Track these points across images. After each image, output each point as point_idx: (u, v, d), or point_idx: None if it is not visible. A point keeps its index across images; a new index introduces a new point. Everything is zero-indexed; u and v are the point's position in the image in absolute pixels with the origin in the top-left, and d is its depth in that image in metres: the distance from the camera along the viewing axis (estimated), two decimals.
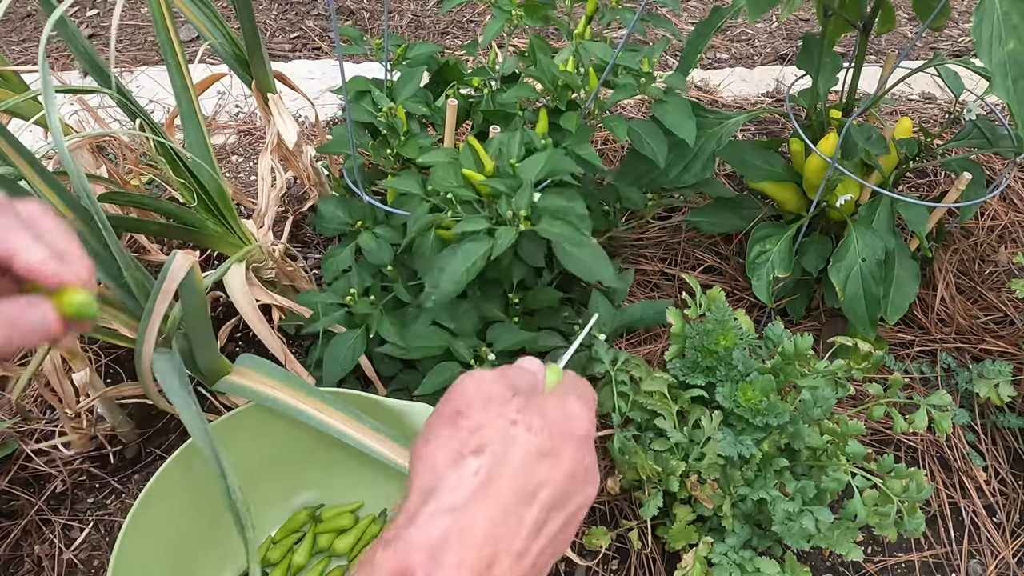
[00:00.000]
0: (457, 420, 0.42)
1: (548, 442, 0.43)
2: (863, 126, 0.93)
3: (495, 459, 0.41)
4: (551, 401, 0.45)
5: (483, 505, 0.40)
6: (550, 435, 0.43)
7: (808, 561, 0.83)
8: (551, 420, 0.44)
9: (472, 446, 0.41)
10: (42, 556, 0.83)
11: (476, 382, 0.44)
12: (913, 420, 0.73)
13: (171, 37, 0.84)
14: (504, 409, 0.43)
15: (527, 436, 0.42)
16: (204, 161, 0.87)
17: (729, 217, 1.07)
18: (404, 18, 1.77)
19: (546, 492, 0.42)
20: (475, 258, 0.68)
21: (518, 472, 0.41)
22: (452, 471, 0.41)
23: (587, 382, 0.49)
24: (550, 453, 0.43)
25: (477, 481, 0.40)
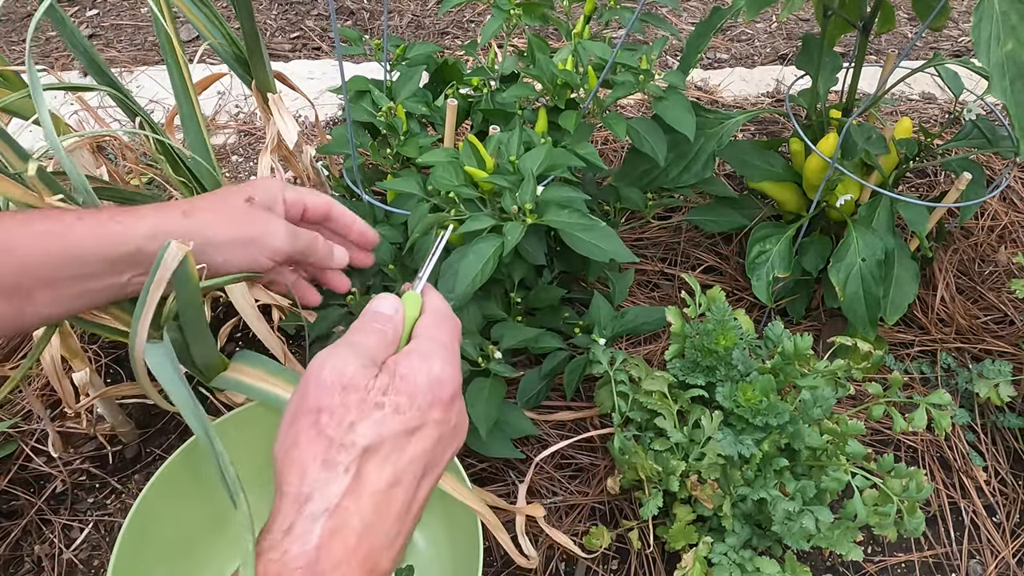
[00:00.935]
0: (319, 418, 0.41)
1: (416, 418, 0.42)
2: (863, 126, 0.93)
3: (364, 452, 0.41)
4: (415, 364, 0.44)
5: (355, 501, 0.40)
6: (418, 409, 0.43)
7: (808, 561, 0.83)
8: (417, 391, 0.43)
9: (339, 443, 0.41)
10: (42, 556, 0.83)
11: (333, 369, 0.43)
12: (912, 419, 0.73)
13: (171, 37, 0.84)
14: (368, 395, 0.42)
15: (394, 419, 0.42)
16: (204, 161, 0.87)
17: (730, 215, 1.07)
18: (404, 18, 1.77)
19: (416, 466, 0.42)
20: (487, 258, 0.68)
21: (387, 457, 0.41)
22: (323, 472, 0.40)
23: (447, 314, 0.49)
24: (418, 428, 0.42)
25: (348, 479, 0.40)
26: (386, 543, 0.41)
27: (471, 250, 0.69)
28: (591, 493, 0.87)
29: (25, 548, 0.84)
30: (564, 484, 0.89)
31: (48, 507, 0.87)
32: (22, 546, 0.84)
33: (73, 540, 0.85)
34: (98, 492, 0.89)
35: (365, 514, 0.40)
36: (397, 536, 0.42)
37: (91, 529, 0.86)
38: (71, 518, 0.86)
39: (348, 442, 0.41)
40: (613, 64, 0.82)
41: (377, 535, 0.41)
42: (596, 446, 0.92)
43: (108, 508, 0.88)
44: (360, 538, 0.40)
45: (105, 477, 0.90)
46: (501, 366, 0.78)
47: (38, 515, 0.86)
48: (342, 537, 0.39)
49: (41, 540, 0.84)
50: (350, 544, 0.39)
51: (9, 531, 0.84)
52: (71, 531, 0.86)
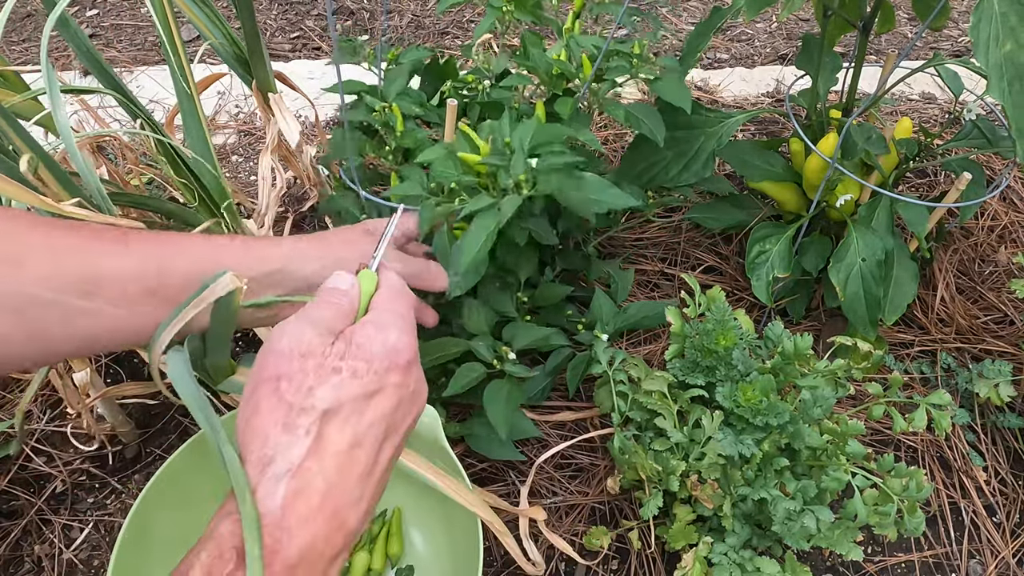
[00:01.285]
0: (279, 385, 0.43)
1: (374, 382, 0.44)
2: (863, 126, 0.93)
3: (324, 415, 0.42)
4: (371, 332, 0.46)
5: (318, 462, 0.41)
6: (375, 374, 0.44)
7: (808, 561, 0.83)
8: (374, 358, 0.45)
9: (299, 407, 0.42)
10: (42, 556, 0.83)
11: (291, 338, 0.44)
12: (912, 419, 0.73)
13: (173, 36, 0.84)
14: (325, 361, 0.44)
15: (352, 383, 0.43)
16: (205, 160, 0.87)
17: (731, 212, 1.08)
18: (404, 18, 1.77)
19: (376, 429, 0.43)
20: (487, 232, 0.68)
21: (347, 419, 0.42)
22: (284, 436, 0.41)
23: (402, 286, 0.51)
24: (376, 391, 0.44)
25: (309, 441, 0.41)
26: (351, 502, 0.42)
27: (472, 227, 0.69)
28: (591, 493, 0.87)
29: (25, 548, 0.84)
30: (564, 484, 0.89)
31: (48, 507, 0.87)
32: (22, 546, 0.84)
33: (73, 540, 0.85)
34: (98, 492, 0.89)
35: (328, 474, 0.41)
36: (362, 496, 0.42)
37: (91, 529, 0.86)
38: (71, 518, 0.86)
39: (308, 406, 0.42)
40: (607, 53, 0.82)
41: (342, 494, 0.41)
42: (596, 446, 0.92)
43: (108, 508, 0.88)
44: (324, 497, 0.40)
45: (105, 477, 0.90)
46: (516, 367, 0.78)
47: (38, 515, 0.86)
48: (306, 496, 0.40)
49: (41, 540, 0.84)
50: (314, 503, 0.40)
51: (9, 531, 0.84)
52: (71, 531, 0.86)
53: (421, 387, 0.48)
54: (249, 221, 0.97)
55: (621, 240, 1.14)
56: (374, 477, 0.43)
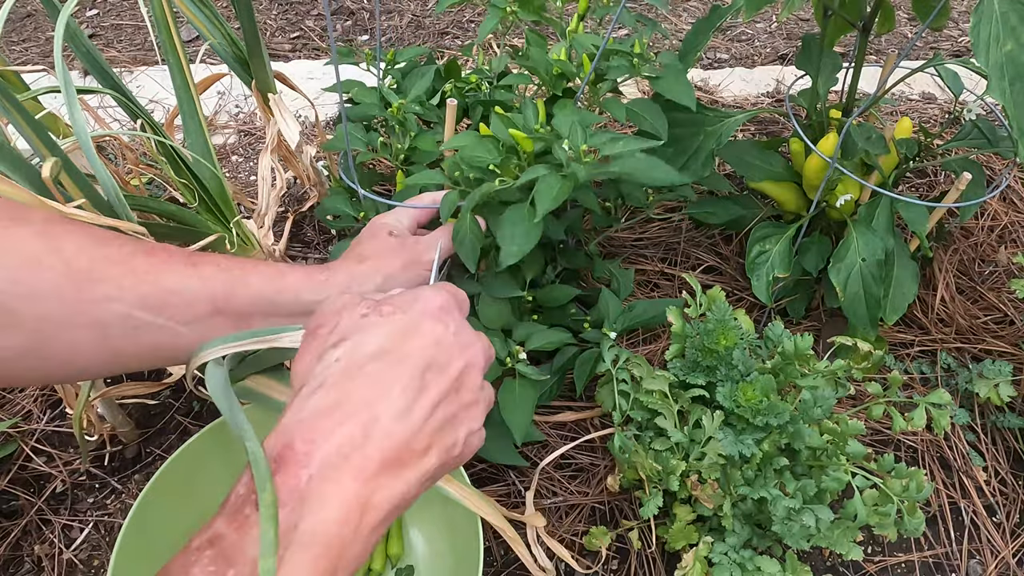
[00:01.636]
0: (317, 331, 0.47)
1: (402, 320, 0.46)
2: (863, 126, 0.93)
3: (353, 345, 0.44)
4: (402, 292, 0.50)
5: (348, 380, 0.43)
6: (405, 313, 0.47)
7: (808, 561, 0.83)
8: (403, 304, 0.47)
9: (330, 343, 0.45)
10: (42, 556, 0.83)
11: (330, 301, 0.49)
12: (912, 419, 0.73)
13: (172, 37, 0.84)
14: (355, 309, 0.47)
15: (380, 320, 0.46)
16: (205, 161, 0.87)
17: (730, 207, 1.07)
18: (404, 18, 1.77)
19: (416, 358, 0.44)
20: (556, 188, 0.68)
21: (378, 347, 0.44)
22: (317, 365, 0.44)
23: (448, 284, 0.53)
24: (408, 329, 0.46)
25: (340, 366, 0.43)
26: (395, 413, 0.42)
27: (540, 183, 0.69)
28: (591, 493, 0.87)
29: (25, 548, 0.84)
30: (564, 484, 0.89)
31: (48, 507, 0.87)
32: (22, 546, 0.84)
33: (73, 540, 0.85)
34: (98, 492, 0.89)
35: (362, 386, 0.42)
36: (409, 410, 0.42)
37: (91, 529, 0.86)
38: (71, 518, 0.86)
39: (340, 339, 0.45)
40: (606, 52, 0.82)
41: (380, 402, 0.42)
42: (596, 446, 0.92)
43: (108, 508, 0.88)
44: (360, 407, 0.41)
45: (105, 477, 0.90)
46: (528, 368, 0.79)
47: (38, 515, 0.86)
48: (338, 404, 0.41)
49: (41, 540, 0.84)
50: (349, 409, 0.41)
51: (9, 531, 0.84)
52: (71, 531, 0.86)
53: (467, 334, 0.48)
54: (249, 221, 0.97)
55: (621, 240, 1.14)
56: (422, 401, 0.43)
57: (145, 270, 0.51)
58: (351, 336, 0.45)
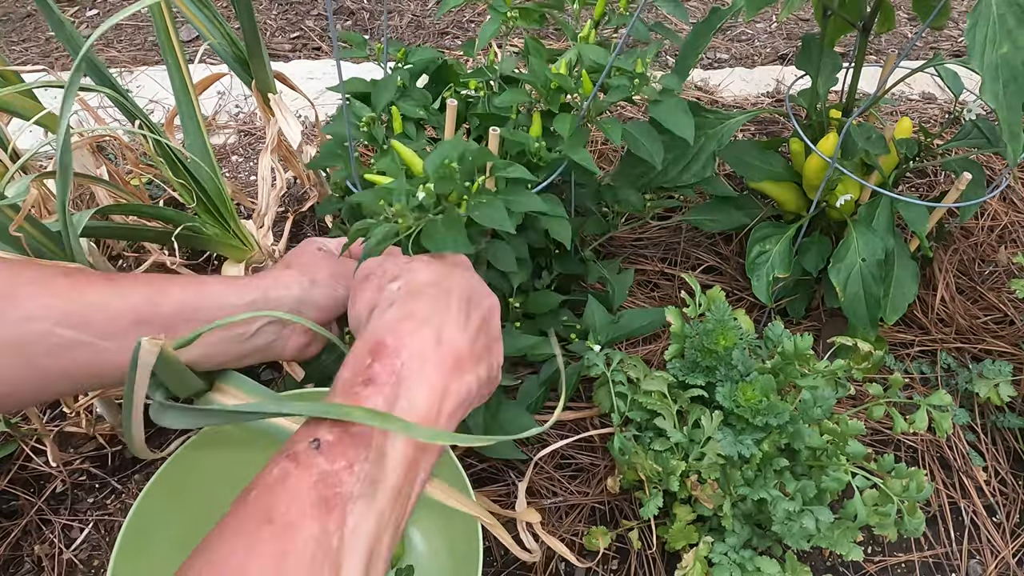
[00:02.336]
0: (368, 277, 0.55)
1: (441, 266, 0.55)
2: (863, 126, 0.93)
3: (408, 277, 0.53)
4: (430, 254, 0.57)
5: (413, 300, 0.51)
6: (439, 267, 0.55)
7: (808, 561, 0.83)
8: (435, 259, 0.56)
9: (388, 278, 0.53)
10: (42, 556, 0.83)
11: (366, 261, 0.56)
12: (913, 420, 0.73)
13: (171, 37, 0.84)
14: (398, 258, 0.56)
15: (422, 264, 0.54)
16: (204, 162, 0.87)
17: (731, 213, 1.07)
18: (404, 18, 1.77)
19: (458, 290, 0.53)
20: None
21: (429, 279, 0.53)
22: (382, 293, 0.52)
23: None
24: (446, 273, 0.54)
25: (402, 292, 0.52)
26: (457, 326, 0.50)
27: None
28: (591, 493, 0.87)
29: (25, 548, 0.84)
30: (564, 484, 0.89)
31: (48, 507, 0.87)
32: (22, 546, 0.84)
33: (73, 540, 0.85)
34: (98, 492, 0.89)
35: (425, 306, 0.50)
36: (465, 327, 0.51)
37: (91, 529, 0.86)
38: (71, 518, 0.86)
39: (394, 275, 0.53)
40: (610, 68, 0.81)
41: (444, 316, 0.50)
42: (596, 446, 0.92)
43: (108, 508, 0.88)
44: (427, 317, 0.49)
45: (105, 477, 0.90)
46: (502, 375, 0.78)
47: (38, 515, 0.86)
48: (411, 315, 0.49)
49: (41, 540, 0.84)
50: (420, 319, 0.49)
51: (9, 531, 0.84)
52: (71, 531, 0.86)
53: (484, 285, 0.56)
54: (249, 221, 0.97)
55: (621, 240, 1.14)
56: (472, 322, 0.51)
57: (65, 289, 0.51)
58: (403, 274, 0.53)
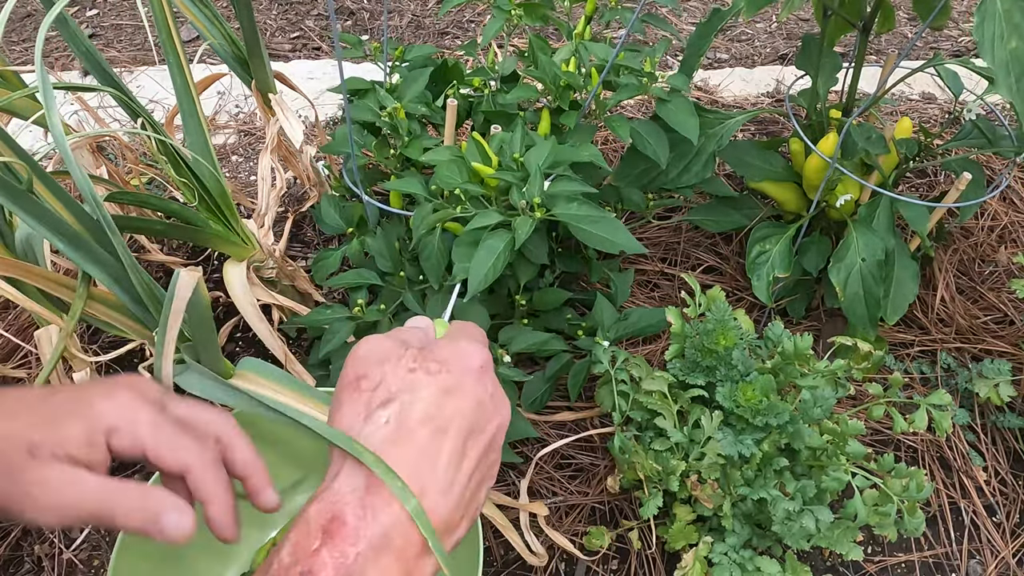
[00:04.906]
0: (359, 384, 0.44)
1: (448, 379, 0.44)
2: (863, 126, 0.93)
3: (401, 406, 0.43)
4: (444, 344, 0.47)
5: (398, 447, 0.41)
6: (449, 372, 0.45)
7: (808, 561, 0.83)
8: (447, 360, 0.45)
9: (378, 401, 0.43)
10: (42, 556, 0.83)
11: (369, 346, 0.46)
12: (913, 420, 0.73)
13: (172, 36, 0.84)
14: (401, 362, 0.45)
15: (427, 379, 0.44)
16: (205, 160, 0.87)
17: (731, 214, 1.07)
18: (404, 18, 1.77)
19: (457, 423, 0.43)
20: (497, 253, 0.68)
21: (425, 412, 0.43)
22: (365, 426, 0.42)
23: (474, 324, 0.52)
24: (453, 388, 0.44)
25: (389, 429, 0.42)
26: (439, 489, 0.41)
27: (482, 246, 0.69)
28: (591, 493, 0.87)
29: (25, 548, 0.84)
30: (564, 484, 0.89)
31: None
32: (22, 546, 0.84)
33: (73, 540, 0.85)
34: None
35: (410, 457, 0.41)
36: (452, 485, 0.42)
37: (91, 529, 0.86)
38: None
39: (387, 398, 0.43)
40: (615, 66, 0.81)
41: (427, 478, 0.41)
42: (596, 446, 0.92)
43: None
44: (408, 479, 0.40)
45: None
46: (511, 370, 0.78)
47: None
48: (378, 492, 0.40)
49: (41, 540, 0.84)
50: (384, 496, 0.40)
51: (9, 531, 0.84)
52: (71, 531, 0.86)
53: (500, 395, 0.48)
54: (249, 221, 0.97)
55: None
56: (463, 471, 0.43)
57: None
58: (399, 396, 0.43)
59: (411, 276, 0.82)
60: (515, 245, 0.68)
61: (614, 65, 0.81)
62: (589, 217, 0.70)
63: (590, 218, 0.70)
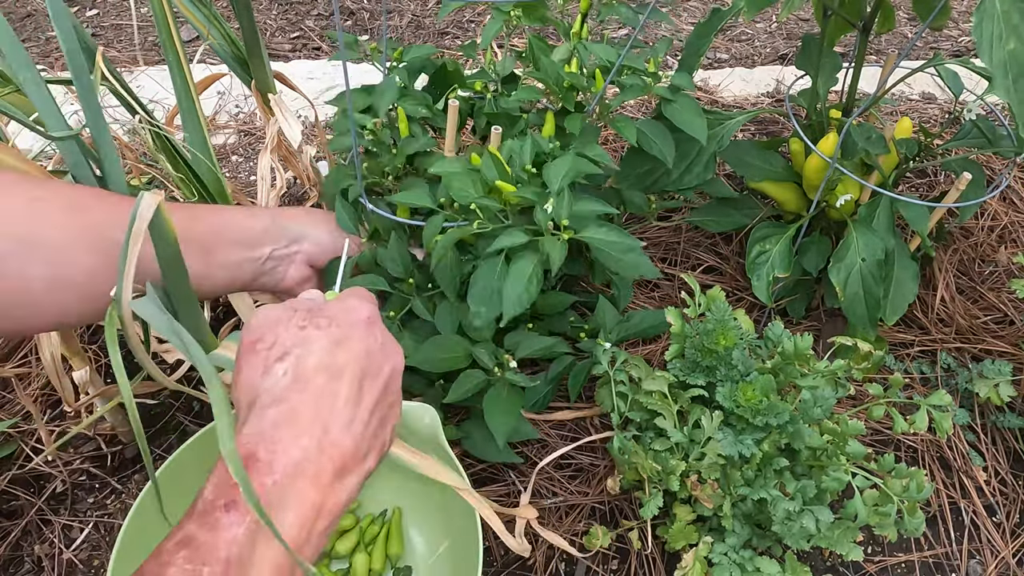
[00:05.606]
0: (255, 347, 0.49)
1: (338, 332, 0.50)
2: (863, 126, 0.93)
3: (296, 359, 0.48)
4: (332, 304, 0.53)
5: (299, 393, 0.46)
6: (339, 327, 0.50)
7: (808, 561, 0.83)
8: (335, 316, 0.51)
9: (274, 357, 0.48)
10: (42, 556, 0.83)
11: (262, 314, 0.51)
12: (913, 420, 0.73)
13: (172, 36, 0.84)
14: (292, 322, 0.50)
15: (317, 333, 0.49)
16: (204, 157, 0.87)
17: (731, 215, 1.07)
18: (404, 18, 1.77)
19: (351, 369, 0.49)
20: (528, 277, 0.68)
21: (320, 361, 0.48)
22: (265, 380, 0.47)
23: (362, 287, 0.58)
24: (343, 339, 0.50)
25: (288, 379, 0.47)
26: (342, 424, 0.46)
27: (511, 271, 0.68)
28: (591, 493, 0.87)
29: (25, 548, 0.84)
30: (564, 484, 0.89)
31: (48, 507, 0.87)
32: (22, 546, 0.84)
33: (73, 540, 0.85)
34: (98, 492, 0.89)
35: (310, 400, 0.46)
36: (353, 420, 0.47)
37: (91, 529, 0.86)
38: (71, 518, 0.86)
39: (282, 354, 0.48)
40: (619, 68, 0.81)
41: (329, 415, 0.46)
42: (596, 446, 0.92)
43: (108, 508, 0.87)
44: (311, 419, 0.45)
45: (105, 477, 0.90)
46: (517, 376, 0.78)
47: (38, 515, 0.86)
48: (292, 418, 0.45)
49: (41, 540, 0.84)
50: (302, 423, 0.45)
51: (9, 531, 0.84)
52: (71, 531, 0.86)
53: (391, 343, 0.53)
54: None
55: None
56: (362, 408, 0.48)
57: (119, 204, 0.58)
58: (293, 350, 0.48)
59: (419, 283, 0.81)
60: (548, 267, 0.68)
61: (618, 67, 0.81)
62: (618, 244, 0.70)
63: (619, 245, 0.70)
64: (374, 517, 0.84)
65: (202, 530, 0.40)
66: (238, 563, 0.39)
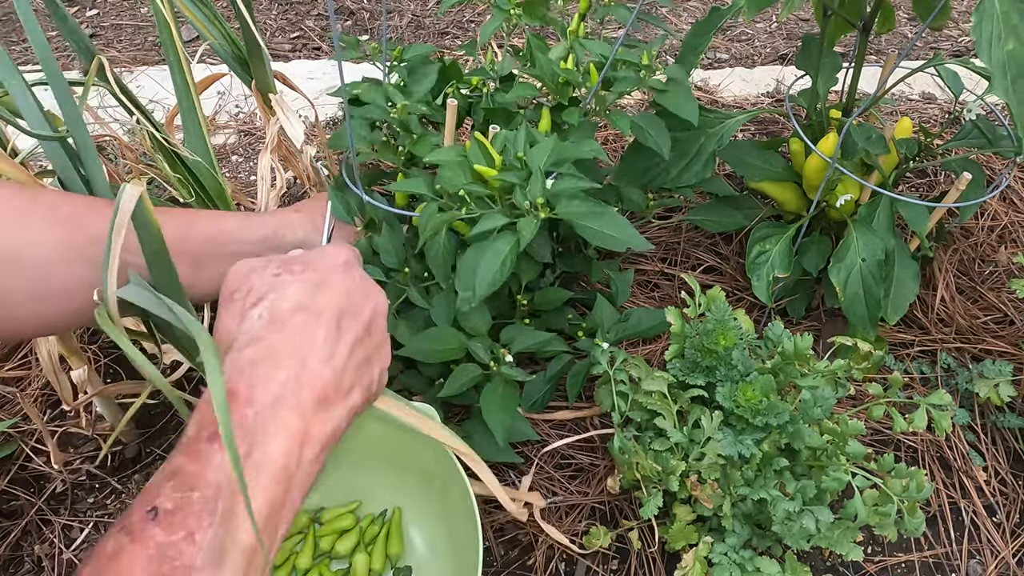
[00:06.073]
0: (232, 296, 0.50)
1: (314, 276, 0.50)
2: (863, 126, 0.93)
3: (272, 302, 0.48)
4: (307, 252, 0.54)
5: (276, 332, 0.47)
6: (315, 271, 0.51)
7: (808, 561, 0.83)
8: (311, 262, 0.52)
9: (250, 303, 0.49)
10: (42, 556, 0.83)
11: (238, 266, 0.52)
12: (913, 420, 0.73)
13: (172, 36, 0.84)
14: (266, 270, 0.51)
15: (291, 278, 0.50)
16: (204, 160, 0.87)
17: (731, 214, 1.07)
18: (404, 18, 1.77)
19: (330, 309, 0.49)
20: (504, 256, 0.68)
21: (296, 302, 0.48)
22: (242, 324, 0.48)
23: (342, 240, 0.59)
24: (320, 283, 0.50)
25: (263, 322, 0.47)
26: (321, 358, 0.47)
27: (488, 249, 0.69)
28: (591, 493, 0.87)
29: (25, 548, 0.84)
30: (564, 484, 0.89)
31: (48, 507, 0.87)
32: (22, 546, 0.84)
33: (73, 540, 0.85)
34: (98, 492, 0.89)
35: (288, 337, 0.46)
36: (332, 355, 0.47)
37: (91, 529, 0.86)
38: (71, 518, 0.86)
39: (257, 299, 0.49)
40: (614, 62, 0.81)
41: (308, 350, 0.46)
42: (596, 446, 0.92)
43: (108, 508, 0.88)
44: (290, 354, 0.46)
45: (105, 477, 0.90)
46: (513, 370, 0.78)
47: (38, 515, 0.86)
48: (271, 353, 0.45)
49: (41, 540, 0.84)
50: (281, 357, 0.45)
51: (9, 531, 0.84)
52: (71, 531, 0.86)
53: (371, 284, 0.53)
54: None
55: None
56: (343, 344, 0.48)
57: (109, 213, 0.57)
58: (268, 295, 0.48)
59: (416, 272, 0.82)
60: (520, 247, 0.68)
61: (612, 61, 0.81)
62: (592, 213, 0.69)
63: (592, 214, 0.69)
64: (374, 517, 0.84)
65: (188, 461, 0.40)
66: (228, 487, 0.39)
